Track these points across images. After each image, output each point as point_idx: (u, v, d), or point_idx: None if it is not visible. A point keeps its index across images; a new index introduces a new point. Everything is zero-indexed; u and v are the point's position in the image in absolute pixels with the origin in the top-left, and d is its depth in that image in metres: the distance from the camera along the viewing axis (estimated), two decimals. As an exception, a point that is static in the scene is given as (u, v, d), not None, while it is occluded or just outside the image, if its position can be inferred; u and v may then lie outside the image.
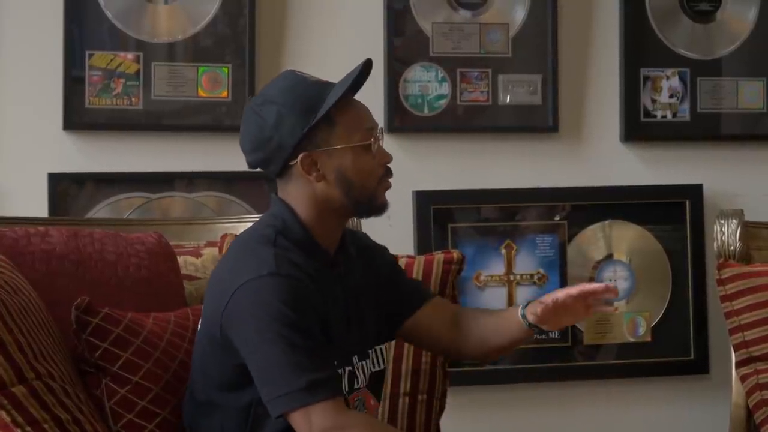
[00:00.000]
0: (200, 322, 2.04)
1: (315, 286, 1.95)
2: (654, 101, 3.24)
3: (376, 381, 2.11)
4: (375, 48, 3.10)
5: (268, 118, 1.96)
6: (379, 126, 2.06)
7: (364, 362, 2.06)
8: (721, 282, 2.63)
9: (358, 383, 2.05)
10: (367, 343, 2.09)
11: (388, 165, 2.06)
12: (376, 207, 2.05)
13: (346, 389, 2.02)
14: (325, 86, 2.00)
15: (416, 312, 2.18)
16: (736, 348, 2.61)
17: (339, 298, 2.02)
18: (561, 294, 2.06)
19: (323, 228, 2.02)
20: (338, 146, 1.97)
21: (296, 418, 1.87)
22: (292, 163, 1.98)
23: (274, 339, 1.87)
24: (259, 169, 2.06)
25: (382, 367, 2.13)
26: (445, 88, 3.15)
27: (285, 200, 2.02)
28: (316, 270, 1.98)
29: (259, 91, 2.04)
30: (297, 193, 2.00)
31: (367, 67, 2.02)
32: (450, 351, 2.26)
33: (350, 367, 2.03)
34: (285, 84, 2.00)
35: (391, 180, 2.07)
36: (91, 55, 2.98)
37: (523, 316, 2.10)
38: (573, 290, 2.07)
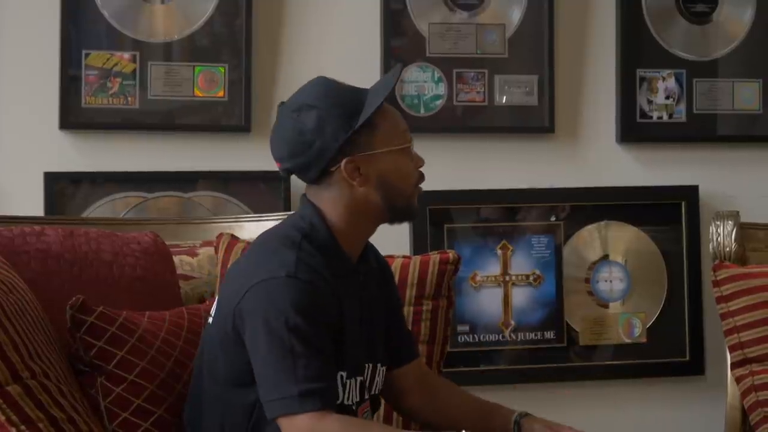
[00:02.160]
0: (213, 315, 2.03)
1: (333, 292, 1.95)
2: (650, 102, 3.24)
3: (376, 403, 2.13)
4: (372, 48, 3.10)
5: (308, 122, 1.94)
6: None
7: (375, 373, 2.07)
8: (716, 283, 2.64)
9: (367, 393, 2.06)
10: (376, 356, 2.08)
11: (421, 170, 2.06)
12: (411, 212, 2.06)
13: (357, 399, 2.02)
14: (359, 91, 2.00)
15: (404, 366, 2.19)
16: (732, 349, 2.61)
17: (356, 307, 2.01)
18: None
19: (352, 234, 2.01)
20: (381, 150, 1.97)
21: (282, 423, 1.88)
22: (333, 168, 1.96)
23: (277, 342, 1.87)
24: (293, 176, 2.03)
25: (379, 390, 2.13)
26: (442, 89, 3.15)
27: (316, 204, 2.00)
28: (337, 276, 1.97)
29: (290, 98, 2.02)
30: (333, 198, 1.98)
31: (399, 73, 2.03)
32: (412, 413, 2.24)
33: (362, 377, 2.03)
34: (321, 89, 1.98)
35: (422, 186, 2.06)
36: (87, 55, 2.98)
37: (516, 423, 2.13)
38: None
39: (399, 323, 2.22)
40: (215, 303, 2.05)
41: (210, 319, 2.05)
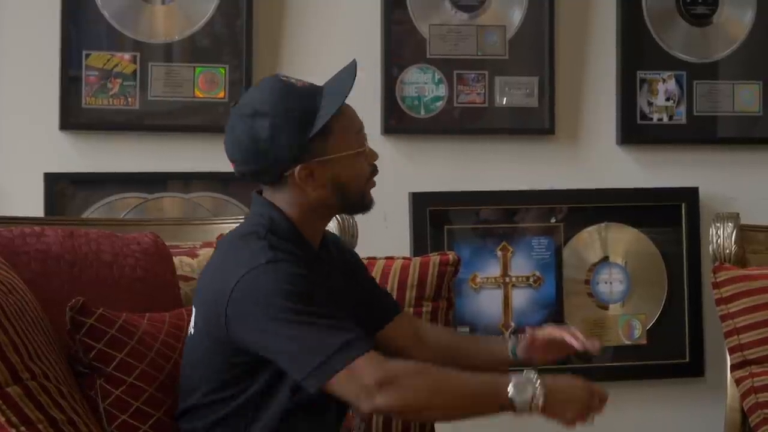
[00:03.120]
0: (192, 326, 2.03)
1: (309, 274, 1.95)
2: (650, 104, 3.24)
3: None
4: (372, 49, 3.10)
5: (261, 131, 1.92)
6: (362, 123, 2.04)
7: None
8: (716, 285, 2.64)
9: None
10: None
11: (374, 163, 2.06)
12: (365, 205, 2.05)
13: None
14: (315, 92, 1.98)
15: (389, 324, 2.18)
16: (732, 351, 2.61)
17: (323, 296, 1.99)
18: (548, 332, 2.12)
19: (310, 227, 2.02)
20: (335, 155, 1.96)
21: (341, 381, 1.81)
22: (287, 173, 1.96)
23: (291, 319, 1.84)
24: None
25: None
26: (442, 90, 3.15)
27: (272, 201, 2.00)
28: (306, 262, 1.97)
29: (243, 98, 2.00)
30: (288, 199, 1.99)
31: (354, 71, 2.00)
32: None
33: None
34: (275, 94, 1.95)
35: (375, 178, 2.06)
36: (87, 55, 2.98)
37: (513, 352, 2.13)
38: (556, 333, 2.12)
39: (372, 286, 2.21)
40: (193, 314, 2.03)
41: (191, 330, 2.03)
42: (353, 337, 1.84)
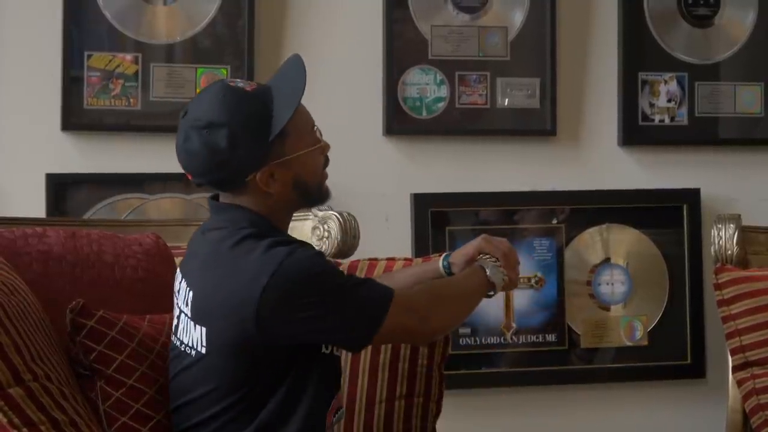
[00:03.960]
0: (198, 348, 1.97)
1: None
2: (652, 105, 3.24)
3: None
4: (374, 50, 3.10)
5: (219, 141, 1.91)
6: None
7: None
8: (718, 286, 2.64)
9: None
10: None
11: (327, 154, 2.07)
12: (323, 197, 2.08)
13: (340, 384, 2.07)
14: (264, 93, 1.97)
15: None
16: (733, 352, 2.61)
17: None
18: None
19: (278, 221, 2.03)
20: (293, 155, 1.97)
21: (393, 322, 1.93)
22: (248, 179, 1.96)
23: (333, 297, 1.90)
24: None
25: None
26: (444, 91, 3.15)
27: (236, 204, 1.99)
28: None
29: (193, 109, 1.97)
30: (250, 201, 1.99)
31: (303, 67, 1.99)
32: None
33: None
34: (227, 102, 1.93)
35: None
36: (89, 56, 2.98)
37: (446, 267, 2.21)
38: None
39: None
40: (202, 335, 1.97)
41: (193, 352, 1.98)
42: (378, 284, 1.98)
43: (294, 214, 2.10)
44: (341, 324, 1.92)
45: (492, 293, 2.15)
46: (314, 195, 2.05)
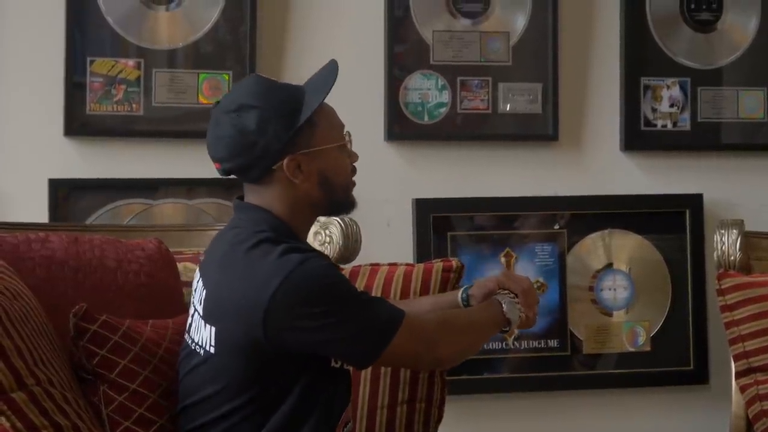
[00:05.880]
0: (207, 346, 1.98)
1: None
2: (654, 110, 3.24)
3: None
4: (375, 55, 3.10)
5: (249, 122, 1.95)
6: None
7: None
8: (721, 292, 2.64)
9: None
10: None
11: (354, 164, 2.09)
12: (350, 204, 2.08)
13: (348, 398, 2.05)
14: (295, 88, 2.02)
15: None
16: (736, 358, 2.61)
17: None
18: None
19: (300, 227, 2.04)
20: (320, 147, 1.99)
21: (399, 345, 1.92)
22: (275, 167, 1.97)
23: (342, 308, 1.90)
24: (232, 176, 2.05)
25: None
26: (445, 96, 3.15)
27: (260, 205, 2.01)
28: None
29: (225, 98, 2.04)
30: (276, 196, 2.00)
31: (336, 70, 2.03)
32: None
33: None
34: (259, 88, 2.00)
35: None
36: (92, 62, 2.98)
37: (464, 299, 2.21)
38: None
39: None
40: (207, 333, 1.98)
41: (202, 351, 1.99)
42: (390, 305, 1.97)
43: None
44: (347, 338, 1.91)
45: (507, 329, 2.13)
46: (339, 196, 2.04)
